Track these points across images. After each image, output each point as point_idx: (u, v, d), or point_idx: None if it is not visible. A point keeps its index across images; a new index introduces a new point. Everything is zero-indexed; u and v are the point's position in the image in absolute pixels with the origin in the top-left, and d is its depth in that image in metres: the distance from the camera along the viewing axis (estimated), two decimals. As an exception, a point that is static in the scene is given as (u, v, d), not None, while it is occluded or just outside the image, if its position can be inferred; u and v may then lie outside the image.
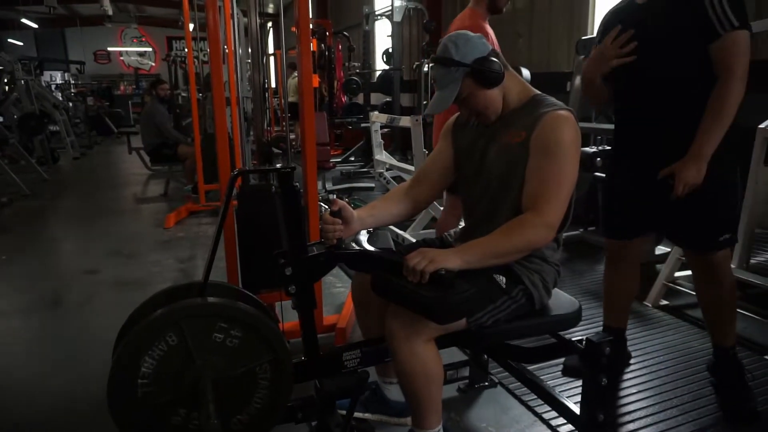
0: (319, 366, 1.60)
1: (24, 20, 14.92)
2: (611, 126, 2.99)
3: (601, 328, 2.30)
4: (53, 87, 13.39)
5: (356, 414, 1.68)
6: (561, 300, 1.62)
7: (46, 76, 14.66)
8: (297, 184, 1.55)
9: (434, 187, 1.73)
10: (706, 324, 2.05)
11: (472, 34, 1.51)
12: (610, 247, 2.12)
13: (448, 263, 1.33)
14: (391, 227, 3.85)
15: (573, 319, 1.56)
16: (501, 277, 1.46)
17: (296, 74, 7.43)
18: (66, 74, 16.11)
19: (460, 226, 1.83)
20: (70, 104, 11.23)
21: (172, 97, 7.10)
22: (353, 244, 1.54)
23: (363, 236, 1.57)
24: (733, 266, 2.81)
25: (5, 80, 8.08)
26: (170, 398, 1.39)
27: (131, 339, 1.37)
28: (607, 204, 2.12)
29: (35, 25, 15.79)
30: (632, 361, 2.25)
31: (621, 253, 2.09)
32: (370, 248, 1.51)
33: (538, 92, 1.57)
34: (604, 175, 3.40)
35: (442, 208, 3.89)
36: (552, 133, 1.42)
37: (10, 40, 16.30)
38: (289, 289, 1.48)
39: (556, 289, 1.61)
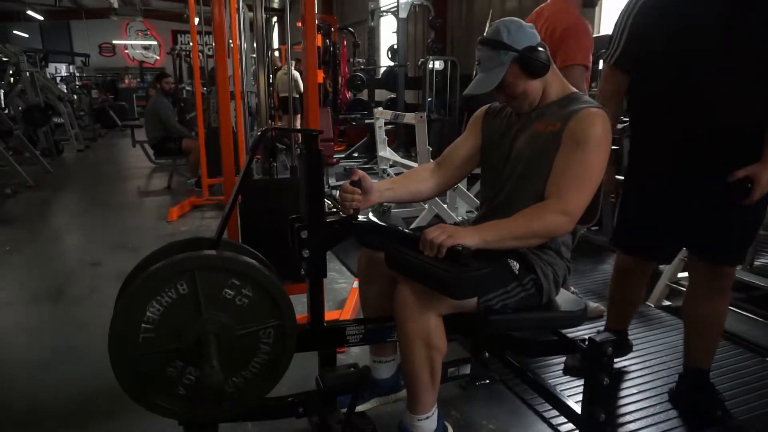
0: (322, 336, 1.60)
1: (29, 12, 14.93)
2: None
3: (602, 328, 2.30)
4: (58, 79, 13.38)
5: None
6: (567, 299, 1.62)
7: (51, 68, 14.66)
8: (321, 149, 1.54)
9: (456, 173, 1.75)
10: (688, 342, 1.94)
11: (524, 22, 1.50)
12: (624, 262, 2.05)
13: (466, 239, 1.34)
14: (398, 218, 3.85)
15: (578, 317, 1.56)
16: (515, 262, 1.46)
17: (285, 68, 7.43)
18: (71, 67, 16.13)
19: (464, 219, 1.82)
20: (75, 97, 11.24)
21: (176, 90, 7.10)
22: (368, 217, 1.54)
23: (374, 216, 1.58)
24: (737, 268, 2.80)
25: (10, 72, 8.09)
26: (170, 348, 1.36)
27: (142, 280, 1.34)
28: (627, 218, 2.00)
29: (41, 17, 15.80)
30: (634, 361, 2.25)
31: (635, 270, 2.03)
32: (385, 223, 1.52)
33: (576, 90, 1.58)
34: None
35: (445, 206, 3.90)
36: (586, 126, 1.43)
37: (15, 32, 16.31)
38: (302, 253, 1.47)
39: (561, 289, 1.61)
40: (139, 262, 1.59)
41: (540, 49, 1.48)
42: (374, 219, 1.57)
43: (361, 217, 1.55)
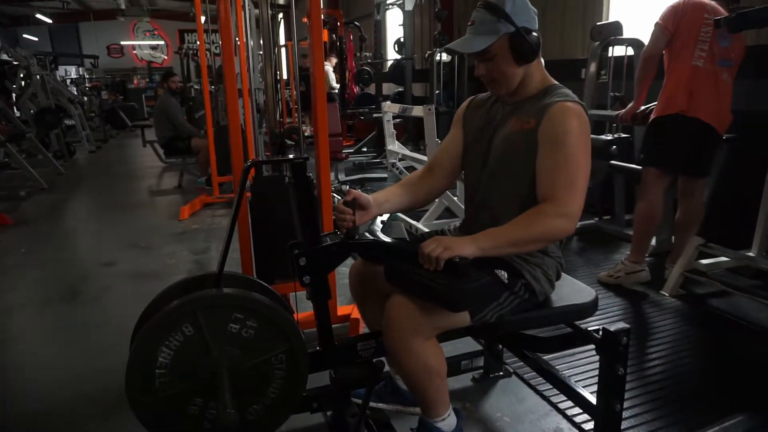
0: (333, 356, 1.60)
1: (38, 15, 15.05)
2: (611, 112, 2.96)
3: (618, 318, 2.28)
4: (68, 81, 13.49)
5: (371, 404, 1.68)
6: (577, 289, 1.60)
7: (61, 70, 14.77)
8: (310, 174, 1.55)
9: (447, 175, 1.71)
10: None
11: (529, 4, 1.47)
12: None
13: (463, 250, 1.31)
14: (405, 218, 3.84)
15: (589, 308, 1.54)
16: (503, 272, 1.44)
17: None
18: (80, 68, 16.25)
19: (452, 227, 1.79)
20: (85, 98, 11.34)
21: (184, 89, 7.11)
22: (367, 234, 1.53)
23: (377, 226, 1.57)
24: (752, 254, 2.77)
25: (21, 76, 8.16)
26: (187, 388, 1.41)
27: (148, 329, 1.38)
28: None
29: (49, 20, 15.92)
30: (650, 350, 2.23)
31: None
32: (385, 238, 1.50)
33: (555, 83, 1.54)
34: (620, 163, 3.37)
35: (455, 198, 3.88)
36: (559, 123, 1.40)
37: (25, 36, 16.45)
38: (303, 279, 1.48)
39: (572, 278, 1.60)
40: (146, 307, 1.62)
41: (534, 34, 1.45)
42: (377, 230, 1.56)
43: (363, 228, 1.54)
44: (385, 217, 3.23)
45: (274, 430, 1.53)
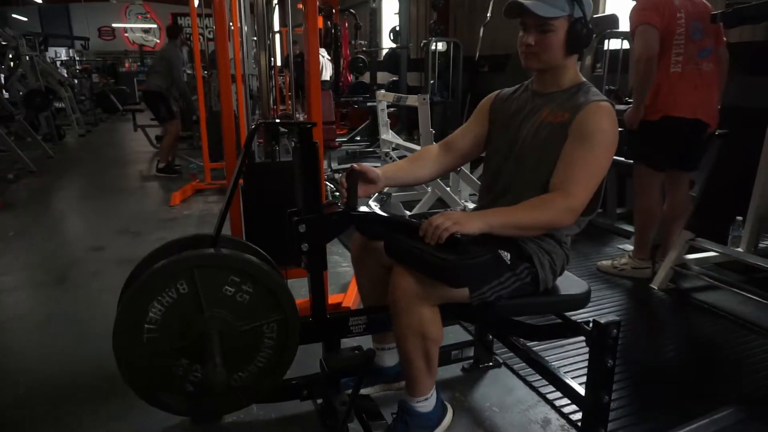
0: (325, 328, 1.60)
1: (28, -5, 14.80)
2: (621, 106, 2.96)
3: (608, 311, 2.30)
4: (58, 63, 13.32)
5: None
6: (570, 281, 1.61)
7: (51, 52, 14.56)
8: (316, 141, 1.53)
9: (462, 157, 1.75)
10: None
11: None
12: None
13: (472, 225, 1.33)
14: (399, 205, 3.84)
15: (581, 300, 1.55)
16: (506, 253, 1.45)
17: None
18: (71, 51, 16.02)
19: (468, 206, 1.82)
20: (75, 81, 11.19)
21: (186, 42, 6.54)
22: (366, 207, 1.53)
23: (375, 203, 1.57)
24: (740, 250, 2.79)
25: (10, 56, 8.04)
26: (174, 347, 1.38)
27: (142, 282, 1.35)
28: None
29: (39, 0, 15.65)
30: (639, 343, 2.25)
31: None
32: (383, 213, 1.50)
33: (586, 80, 1.56)
34: (619, 158, 3.39)
35: (448, 189, 3.88)
36: (593, 121, 1.42)
37: (14, 16, 16.17)
38: (301, 246, 1.47)
39: (566, 270, 1.60)
40: (139, 262, 1.59)
41: (585, 31, 1.46)
42: (374, 207, 1.55)
43: (362, 207, 1.54)
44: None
45: (255, 400, 1.52)
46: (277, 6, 4.69)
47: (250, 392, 1.49)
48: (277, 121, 2.71)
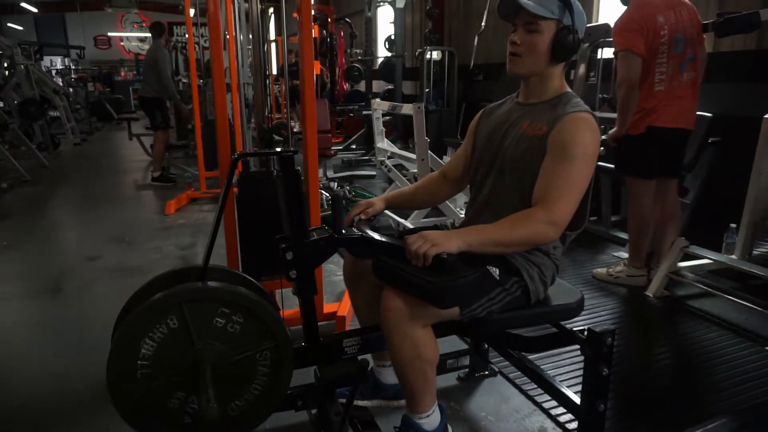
0: (319, 352, 1.60)
1: (23, 4, 14.81)
2: (614, 115, 2.98)
3: (603, 319, 2.29)
4: (53, 72, 13.30)
5: (354, 402, 1.68)
6: (563, 290, 1.61)
7: (46, 61, 14.56)
8: (298, 168, 1.53)
9: (459, 183, 1.80)
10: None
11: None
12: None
13: (449, 245, 1.32)
14: (393, 215, 3.84)
15: (575, 309, 1.55)
16: (494, 268, 1.44)
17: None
18: (66, 59, 16.02)
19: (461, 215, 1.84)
20: (71, 90, 11.18)
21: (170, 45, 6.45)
22: (354, 230, 1.53)
23: (363, 225, 1.56)
24: (734, 257, 2.81)
25: (5, 65, 8.02)
26: (169, 381, 1.39)
27: (133, 320, 1.35)
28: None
29: (35, 9, 15.69)
30: (634, 351, 2.25)
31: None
32: (372, 233, 1.50)
33: (570, 90, 1.56)
34: (606, 164, 3.41)
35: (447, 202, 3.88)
36: (571, 133, 1.41)
37: (9, 24, 16.19)
38: (290, 274, 1.47)
39: (559, 279, 1.60)
40: (130, 297, 1.59)
41: (572, 39, 1.45)
42: (363, 226, 1.55)
43: (353, 226, 1.55)
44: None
45: (255, 427, 1.52)
46: (272, 15, 4.69)
47: (249, 419, 1.50)
48: (255, 151, 2.72)
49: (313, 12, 2.21)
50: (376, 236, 1.49)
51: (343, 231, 1.50)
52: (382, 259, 1.45)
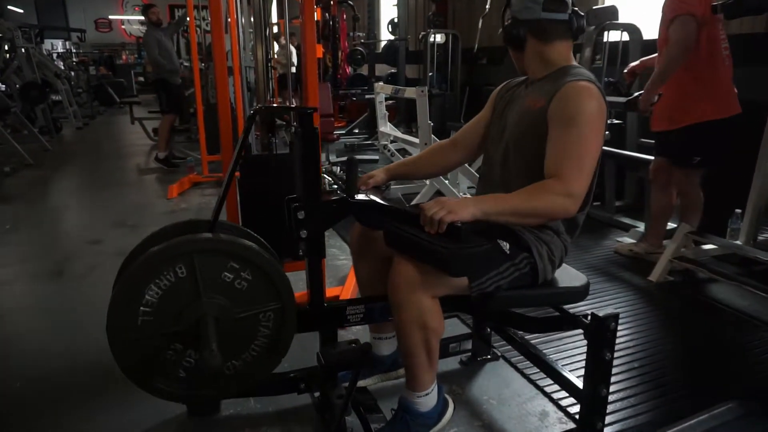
0: (322, 316, 1.59)
1: (24, -13, 14.68)
2: (621, 98, 2.94)
3: (606, 304, 2.29)
4: (54, 56, 13.21)
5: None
6: (569, 274, 1.60)
7: (47, 44, 14.44)
8: (316, 126, 1.51)
9: (470, 151, 1.77)
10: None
11: None
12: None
13: (465, 212, 1.31)
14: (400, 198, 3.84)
15: (580, 293, 1.54)
16: (505, 243, 1.43)
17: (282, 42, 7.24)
18: (67, 43, 15.91)
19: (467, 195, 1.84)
20: (72, 73, 11.12)
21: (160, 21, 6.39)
22: (363, 197, 1.53)
23: (373, 195, 1.56)
24: (739, 242, 2.79)
25: (6, 48, 7.98)
26: (168, 331, 1.37)
27: (140, 264, 1.33)
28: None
29: (35, -8, 15.54)
30: (635, 336, 2.25)
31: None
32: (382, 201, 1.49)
33: (573, 63, 1.54)
34: (612, 149, 3.38)
35: (447, 182, 3.87)
36: (571, 103, 1.39)
37: (9, 7, 16.05)
38: (300, 233, 1.46)
39: (564, 263, 1.59)
40: (137, 245, 1.57)
41: (554, 18, 1.48)
42: (373, 196, 1.54)
43: (359, 195, 1.53)
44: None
45: (248, 388, 1.51)
46: (274, -3, 4.64)
47: (242, 381, 1.48)
48: (276, 105, 2.69)
49: (315, -7, 2.18)
50: (387, 204, 1.48)
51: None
52: (395, 226, 1.44)
